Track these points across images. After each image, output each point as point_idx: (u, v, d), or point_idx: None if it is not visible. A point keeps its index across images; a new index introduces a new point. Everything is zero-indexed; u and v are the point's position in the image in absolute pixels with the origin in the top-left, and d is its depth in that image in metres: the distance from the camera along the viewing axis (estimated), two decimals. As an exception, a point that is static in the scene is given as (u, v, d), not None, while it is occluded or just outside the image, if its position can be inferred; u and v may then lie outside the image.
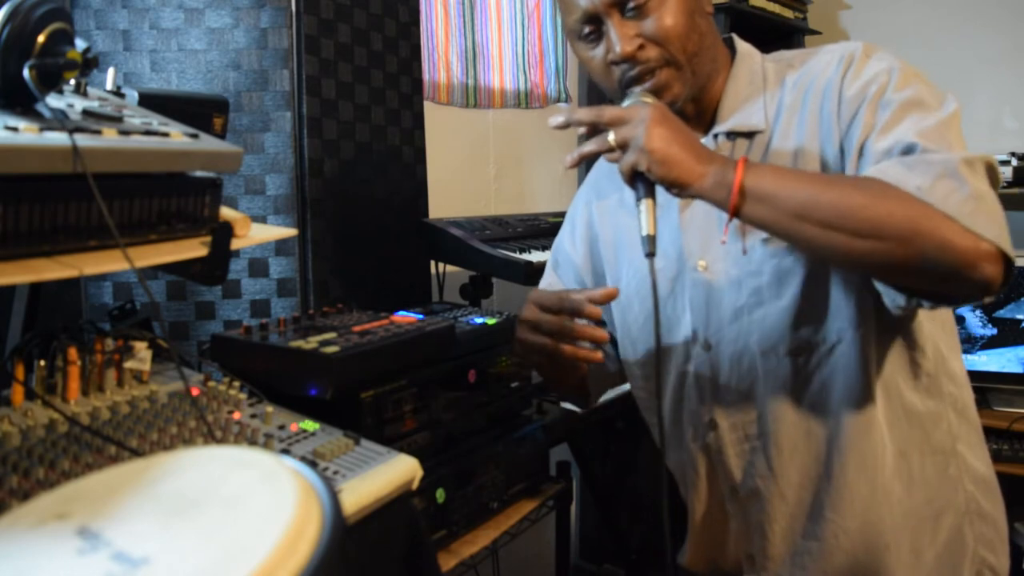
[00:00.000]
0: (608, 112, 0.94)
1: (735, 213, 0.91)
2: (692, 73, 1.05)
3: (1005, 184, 2.50)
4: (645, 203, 0.93)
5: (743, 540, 1.17)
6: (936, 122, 0.93)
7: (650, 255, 0.92)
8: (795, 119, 1.04)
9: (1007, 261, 0.86)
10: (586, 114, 0.96)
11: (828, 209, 0.88)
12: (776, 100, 1.07)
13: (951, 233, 0.85)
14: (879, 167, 0.91)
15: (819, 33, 3.13)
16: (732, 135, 1.09)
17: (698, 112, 1.11)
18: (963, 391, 1.12)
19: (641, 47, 1.02)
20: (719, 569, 1.24)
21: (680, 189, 0.92)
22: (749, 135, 1.08)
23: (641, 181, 0.94)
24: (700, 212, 1.10)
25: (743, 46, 1.14)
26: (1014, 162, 2.51)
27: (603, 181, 1.29)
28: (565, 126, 0.97)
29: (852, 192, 0.89)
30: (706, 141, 1.10)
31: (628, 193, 1.18)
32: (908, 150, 0.91)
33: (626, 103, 1.00)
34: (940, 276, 0.88)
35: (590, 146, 0.96)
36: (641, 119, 0.92)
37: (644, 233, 0.93)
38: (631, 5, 1.02)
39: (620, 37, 1.02)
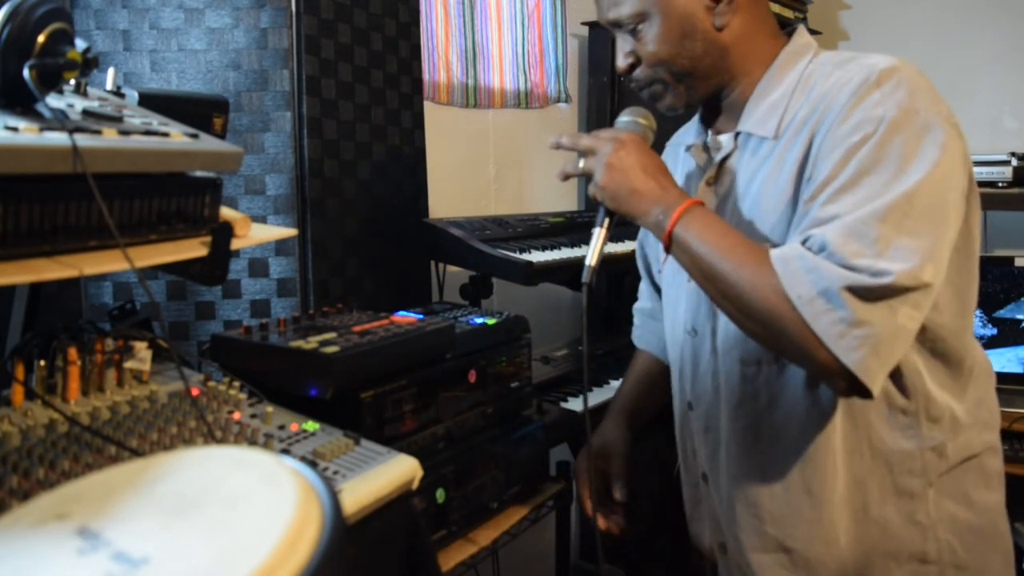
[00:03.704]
0: (583, 142, 1.07)
1: (667, 251, 1.02)
2: (688, 87, 1.10)
3: (1005, 184, 2.50)
4: (597, 232, 1.06)
5: (714, 527, 1.20)
6: (884, 205, 0.90)
7: (585, 284, 1.04)
8: (800, 135, 1.02)
9: (864, 384, 0.90)
10: (567, 140, 1.09)
11: (723, 283, 0.96)
12: (794, 110, 1.05)
13: (810, 347, 0.90)
14: (785, 254, 0.93)
15: (819, 33, 3.13)
16: (747, 136, 1.10)
17: (732, 106, 1.13)
18: (957, 436, 1.06)
19: (633, 65, 1.11)
20: (700, 552, 1.28)
21: (631, 220, 1.04)
22: (761, 138, 1.08)
23: (602, 207, 1.07)
24: (713, 205, 1.13)
25: (792, 46, 1.11)
26: (1014, 162, 2.50)
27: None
28: (558, 148, 1.11)
29: (748, 276, 0.94)
30: (728, 136, 1.13)
31: (679, 161, 1.27)
32: (821, 248, 0.91)
33: (621, 120, 1.12)
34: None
35: (568, 168, 1.10)
36: (602, 154, 1.04)
37: (587, 261, 1.05)
38: (622, 28, 1.10)
39: (618, 53, 1.12)
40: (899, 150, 0.92)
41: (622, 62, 1.11)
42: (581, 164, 1.07)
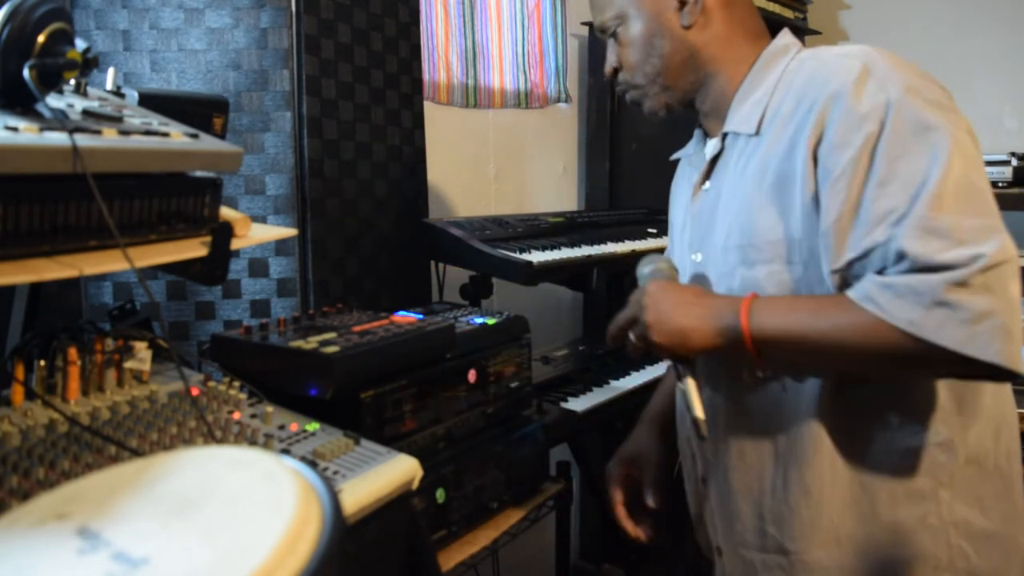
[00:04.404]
0: (620, 319, 1.08)
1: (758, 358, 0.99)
2: (663, 88, 1.14)
3: (1005, 184, 2.49)
4: (687, 382, 1.03)
5: (712, 529, 1.19)
6: (936, 189, 0.87)
7: (703, 439, 1.03)
8: (787, 129, 1.01)
9: (1011, 371, 0.87)
10: (613, 329, 1.10)
11: (832, 352, 0.94)
12: (776, 105, 1.05)
13: (946, 361, 0.87)
14: (867, 293, 0.90)
15: (819, 33, 3.13)
16: (735, 136, 1.10)
17: (716, 108, 1.14)
18: (966, 432, 1.02)
19: (616, 70, 1.17)
20: (704, 552, 1.27)
21: (707, 356, 1.02)
22: (747, 136, 1.09)
23: (675, 362, 1.05)
24: (707, 208, 1.14)
25: (774, 46, 1.12)
26: (1014, 162, 2.51)
27: (677, 175, 1.35)
28: (613, 343, 1.11)
29: (851, 331, 0.91)
30: (716, 140, 1.13)
31: (684, 180, 1.28)
32: (898, 259, 0.89)
33: (641, 273, 1.11)
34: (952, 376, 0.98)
35: (629, 349, 1.09)
36: (640, 321, 1.04)
37: (695, 415, 1.01)
38: (606, 33, 1.16)
39: (607, 59, 1.17)
40: (919, 127, 0.91)
41: (607, 67, 1.17)
42: (632, 338, 1.07)
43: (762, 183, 1.02)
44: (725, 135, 1.12)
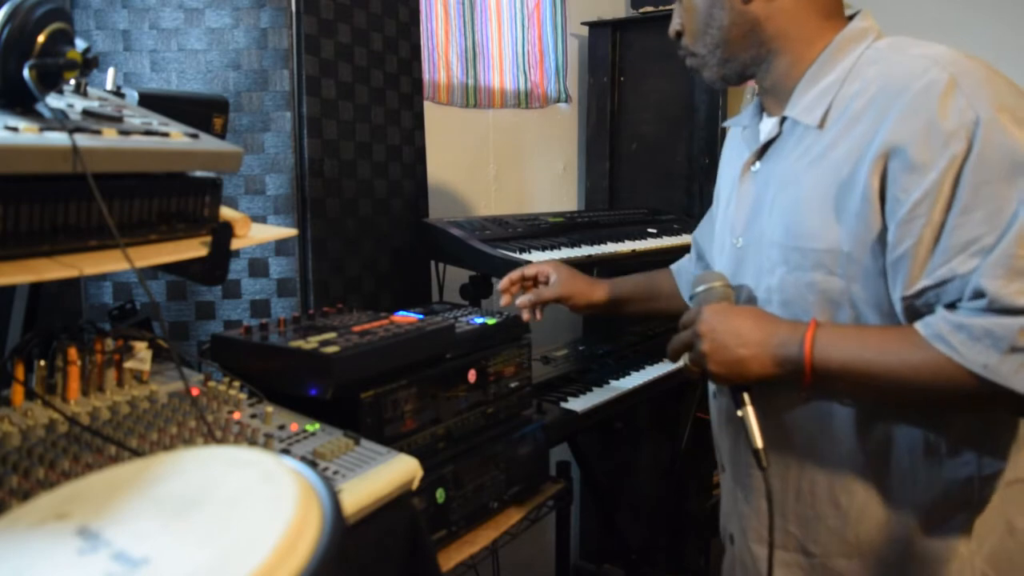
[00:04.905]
0: (678, 343, 1.06)
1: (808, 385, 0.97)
2: (722, 60, 1.09)
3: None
4: (745, 411, 0.99)
5: (727, 516, 1.19)
6: (1020, 230, 0.83)
7: (763, 468, 0.96)
8: (854, 130, 0.96)
9: None
10: (670, 353, 1.09)
11: (896, 387, 0.92)
12: (845, 99, 0.98)
13: (1017, 404, 0.86)
14: (938, 331, 0.87)
15: (819, 33, 3.13)
16: (794, 123, 1.05)
17: (777, 88, 1.09)
18: (1017, 466, 1.00)
19: (678, 34, 1.13)
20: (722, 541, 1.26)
21: (767, 383, 0.99)
22: (807, 126, 1.03)
23: (732, 391, 1.02)
24: (754, 192, 1.09)
25: (849, 30, 1.04)
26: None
27: (728, 143, 1.33)
28: (676, 360, 1.10)
29: (918, 368, 0.89)
30: (774, 121, 1.08)
31: (735, 151, 1.24)
32: (975, 296, 0.85)
33: (697, 292, 1.08)
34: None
35: (687, 372, 1.07)
36: (697, 348, 1.02)
37: (755, 446, 0.97)
38: None
39: (672, 20, 1.14)
40: (1009, 152, 0.86)
41: (671, 29, 1.14)
42: (684, 362, 1.06)
43: (817, 185, 0.98)
44: (784, 119, 1.06)
